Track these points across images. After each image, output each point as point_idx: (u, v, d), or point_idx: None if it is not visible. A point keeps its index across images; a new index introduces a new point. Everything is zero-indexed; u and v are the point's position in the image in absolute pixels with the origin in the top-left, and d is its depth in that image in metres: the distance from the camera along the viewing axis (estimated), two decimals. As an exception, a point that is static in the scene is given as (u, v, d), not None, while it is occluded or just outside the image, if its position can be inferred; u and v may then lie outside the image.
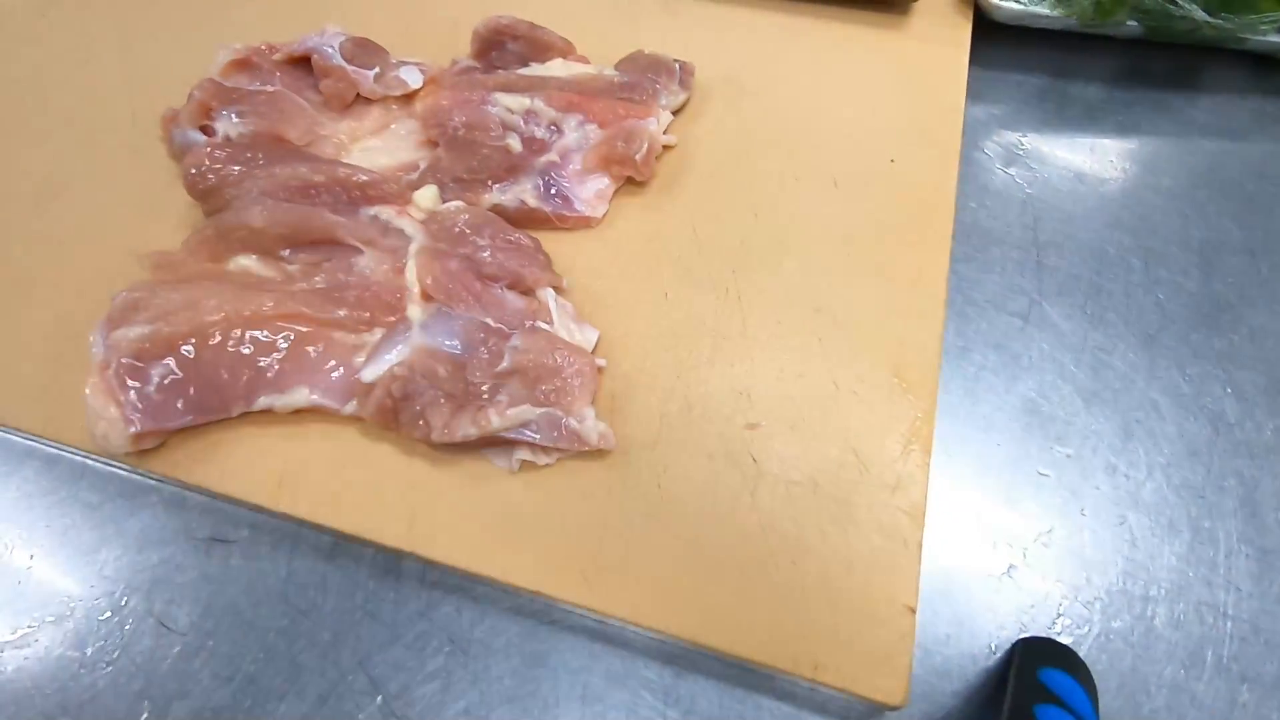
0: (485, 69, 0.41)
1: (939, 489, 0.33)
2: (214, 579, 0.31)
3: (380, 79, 0.40)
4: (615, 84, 0.40)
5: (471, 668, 0.29)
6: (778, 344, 0.34)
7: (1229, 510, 0.33)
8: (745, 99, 0.42)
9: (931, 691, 0.30)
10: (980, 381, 0.36)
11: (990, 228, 0.41)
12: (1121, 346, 0.37)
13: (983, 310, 0.38)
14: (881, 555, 0.29)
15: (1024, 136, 0.45)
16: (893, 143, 0.41)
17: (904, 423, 0.32)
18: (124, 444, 0.30)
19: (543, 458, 0.31)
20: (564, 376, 0.31)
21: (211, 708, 0.29)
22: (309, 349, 0.32)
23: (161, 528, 0.32)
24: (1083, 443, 0.35)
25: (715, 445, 0.32)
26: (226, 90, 0.39)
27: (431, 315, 0.32)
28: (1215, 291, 0.39)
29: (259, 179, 0.35)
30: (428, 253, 0.34)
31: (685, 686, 0.29)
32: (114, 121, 0.40)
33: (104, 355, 0.30)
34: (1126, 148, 0.45)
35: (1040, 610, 0.31)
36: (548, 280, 0.34)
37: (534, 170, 0.38)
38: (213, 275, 0.33)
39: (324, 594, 0.31)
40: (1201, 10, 0.43)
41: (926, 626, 0.31)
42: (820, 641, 0.28)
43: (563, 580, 0.29)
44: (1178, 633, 0.31)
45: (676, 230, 0.38)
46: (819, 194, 0.39)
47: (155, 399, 0.30)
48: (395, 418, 0.31)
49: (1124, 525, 0.33)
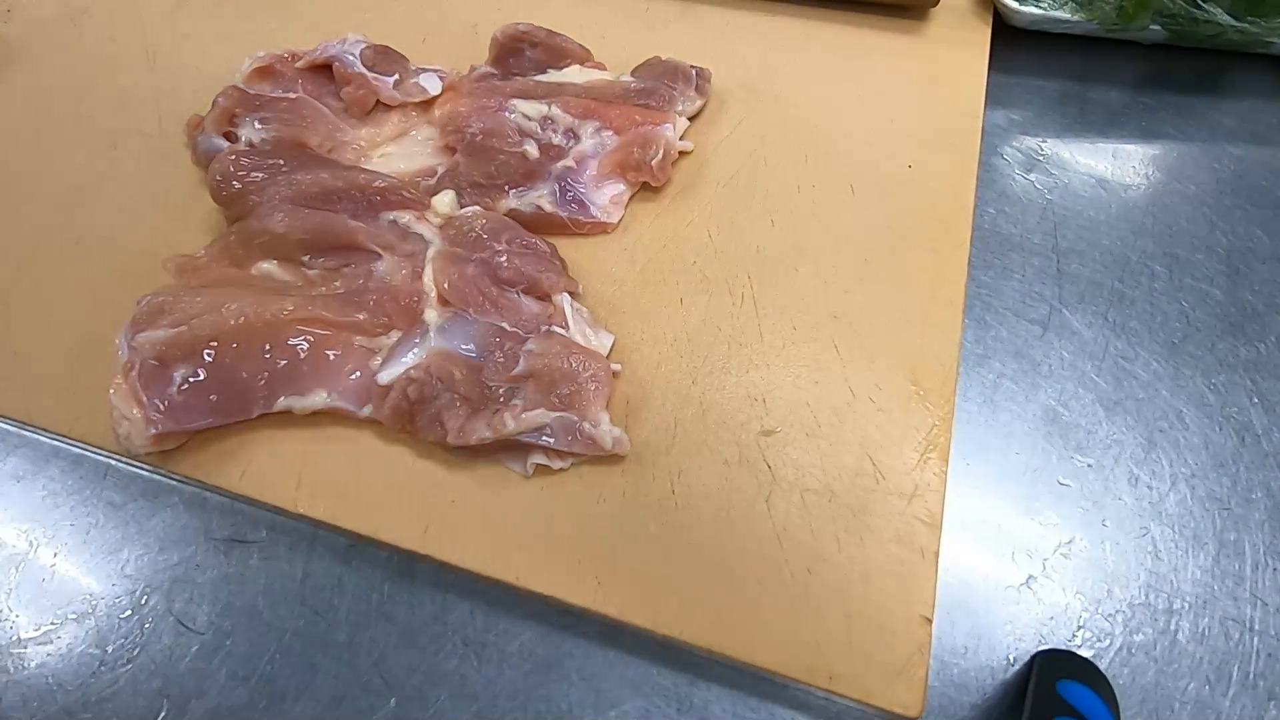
0: (503, 75, 0.41)
1: (957, 498, 0.33)
2: (233, 579, 0.31)
3: (399, 85, 0.40)
4: (631, 90, 0.40)
5: (485, 671, 0.29)
6: (794, 350, 0.34)
7: (1256, 523, 0.33)
8: (762, 105, 0.42)
9: (948, 704, 0.29)
10: (999, 389, 0.36)
11: (1010, 234, 0.41)
12: (1144, 354, 0.37)
13: (1002, 317, 0.38)
14: (898, 565, 0.29)
15: (1044, 142, 0.44)
16: (911, 148, 0.40)
17: (921, 431, 0.32)
18: (145, 444, 0.30)
19: (557, 462, 0.31)
20: (579, 381, 0.31)
21: (228, 706, 0.29)
22: (328, 352, 0.32)
23: (182, 528, 0.32)
24: (1104, 452, 0.34)
25: (730, 451, 0.31)
26: (250, 97, 0.39)
27: (448, 319, 0.33)
28: (1242, 299, 0.39)
29: (281, 185, 0.35)
30: (445, 257, 0.34)
31: (699, 694, 0.29)
32: (141, 128, 0.41)
33: (128, 358, 0.31)
34: (1150, 153, 0.44)
35: (1060, 622, 0.31)
36: (563, 285, 0.34)
37: (550, 176, 0.38)
38: (235, 280, 0.34)
39: (340, 595, 0.31)
40: (1226, 14, 0.43)
41: (943, 637, 0.30)
42: (836, 651, 0.28)
43: (576, 585, 0.29)
44: (1202, 647, 0.30)
45: (693, 236, 0.38)
46: (836, 200, 0.39)
47: (177, 400, 0.30)
48: (411, 420, 0.31)
49: (1147, 537, 0.32)
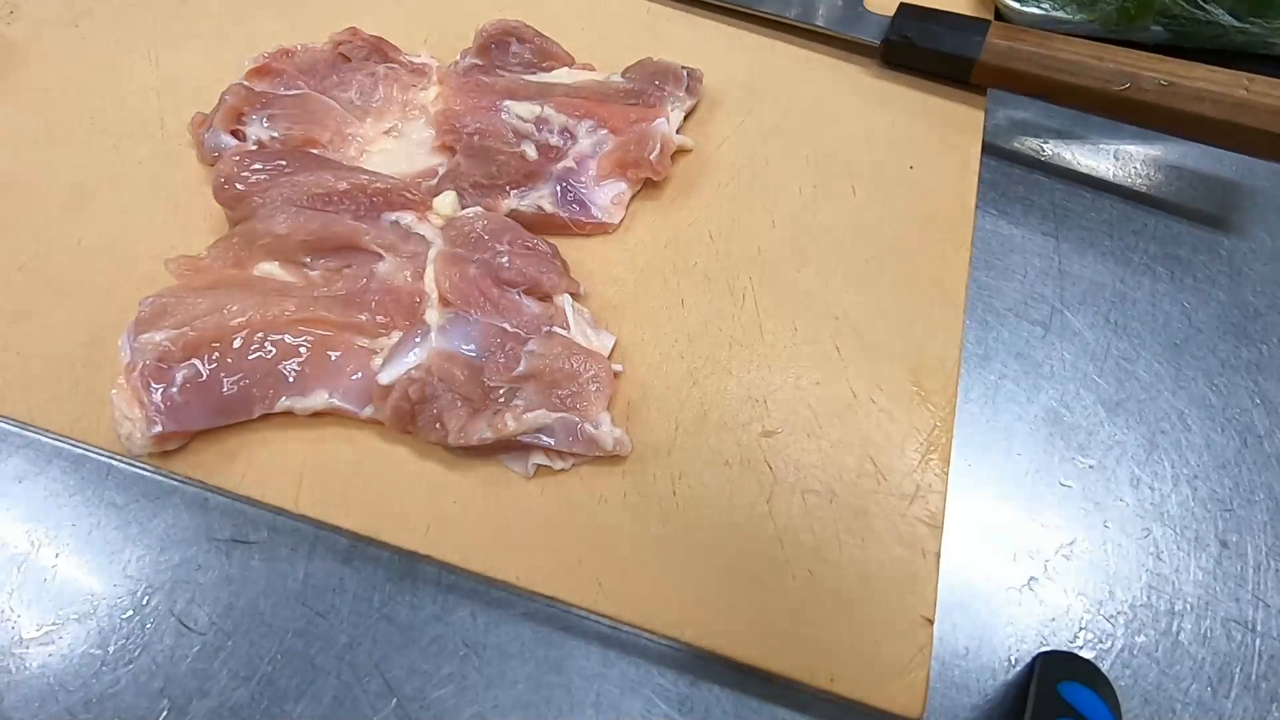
0: (486, 67, 0.41)
1: (958, 499, 0.33)
2: (234, 580, 0.31)
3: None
4: (622, 90, 0.40)
5: (486, 672, 0.29)
6: (795, 351, 0.34)
7: (1258, 524, 0.33)
8: (763, 106, 0.42)
9: (949, 705, 0.29)
10: (1001, 390, 0.36)
11: (1011, 234, 0.41)
12: (1146, 356, 0.37)
13: (1003, 318, 0.38)
14: (899, 566, 0.29)
15: (1045, 143, 0.44)
16: (912, 149, 0.40)
17: (923, 432, 0.32)
18: (147, 445, 0.30)
19: (558, 463, 0.31)
20: (580, 382, 0.31)
21: (229, 707, 0.29)
22: (329, 353, 0.32)
23: (184, 528, 0.32)
24: (1106, 453, 0.34)
25: (732, 452, 0.31)
26: (256, 94, 0.39)
27: (449, 320, 0.33)
28: (1244, 300, 0.39)
29: (284, 187, 0.35)
30: (446, 258, 0.34)
31: (699, 695, 0.29)
32: (144, 129, 0.41)
33: (131, 359, 0.31)
34: (1151, 154, 0.44)
35: (1061, 624, 0.31)
36: (565, 286, 0.34)
37: (551, 176, 0.38)
38: (237, 281, 0.34)
39: (341, 596, 0.31)
40: (1228, 15, 0.43)
41: (945, 639, 0.30)
42: (837, 652, 0.28)
43: (577, 586, 0.29)
44: (1204, 649, 0.30)
45: (694, 237, 0.38)
46: (837, 201, 0.39)
47: (178, 401, 0.30)
48: (412, 420, 0.31)
49: (1149, 538, 0.32)
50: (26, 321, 0.35)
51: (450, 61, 0.42)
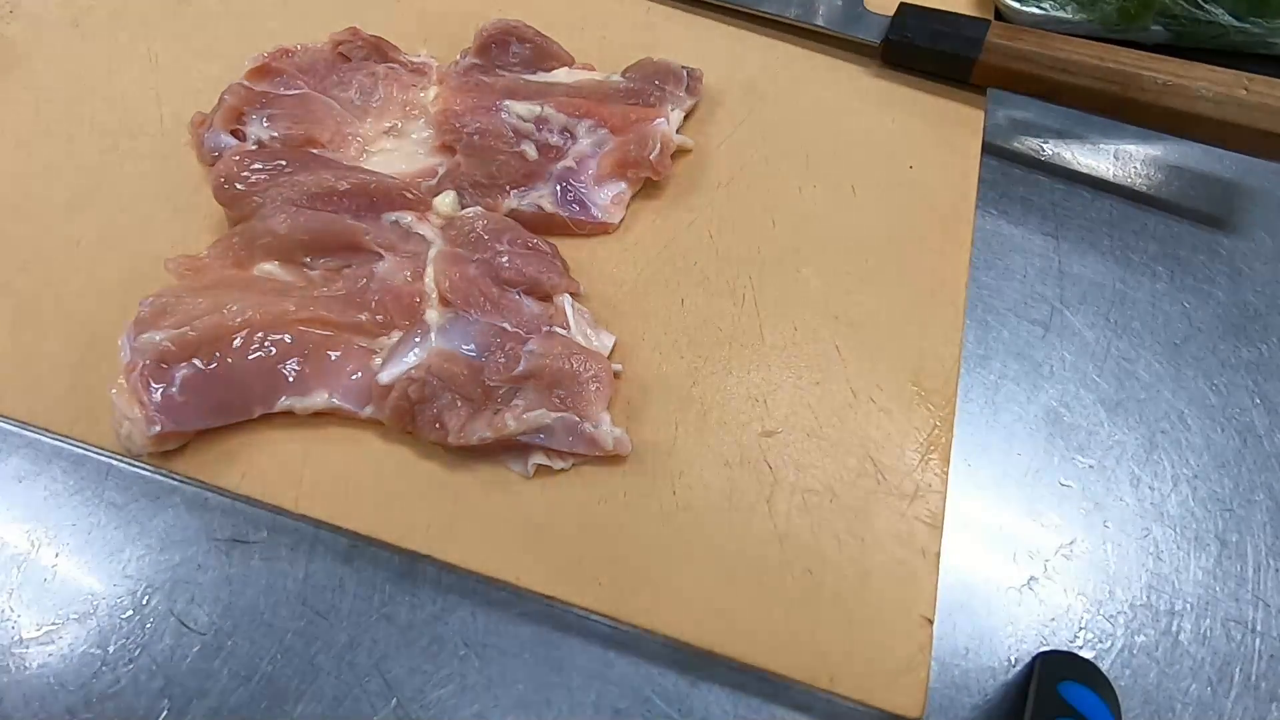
0: (486, 66, 0.41)
1: (958, 499, 0.33)
2: (234, 579, 0.31)
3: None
4: (622, 90, 0.40)
5: (486, 672, 0.30)
6: (795, 351, 0.34)
7: (1258, 524, 0.33)
8: (763, 106, 0.42)
9: (949, 705, 0.29)
10: (1001, 390, 0.36)
11: (1011, 234, 0.41)
12: (1146, 355, 0.37)
13: (1003, 318, 0.38)
14: (899, 565, 0.29)
15: (1045, 142, 0.44)
16: (912, 149, 0.40)
17: (923, 431, 0.32)
18: (147, 444, 0.30)
19: (558, 462, 0.31)
20: (580, 381, 0.31)
21: (229, 706, 0.29)
22: (329, 353, 0.32)
23: (184, 528, 0.32)
24: (1106, 453, 0.34)
25: (732, 452, 0.31)
26: (256, 94, 0.39)
27: (449, 319, 0.33)
28: (1244, 300, 0.39)
29: (284, 186, 0.35)
30: (446, 258, 0.34)
31: (699, 695, 0.29)
32: (143, 128, 0.41)
33: (131, 358, 0.31)
34: (1150, 154, 0.44)
35: (1061, 624, 0.31)
36: (565, 286, 0.34)
37: (551, 176, 0.38)
38: (237, 281, 0.34)
39: (341, 596, 0.31)
40: (1229, 15, 0.43)
41: (945, 638, 0.30)
42: (837, 652, 0.28)
43: (577, 586, 0.29)
44: (1204, 649, 0.30)
45: (694, 237, 0.38)
46: (837, 201, 0.39)
47: (178, 400, 0.30)
48: (412, 420, 0.31)
49: (1148, 538, 0.32)
50: (26, 321, 0.35)
51: (450, 61, 0.42)
